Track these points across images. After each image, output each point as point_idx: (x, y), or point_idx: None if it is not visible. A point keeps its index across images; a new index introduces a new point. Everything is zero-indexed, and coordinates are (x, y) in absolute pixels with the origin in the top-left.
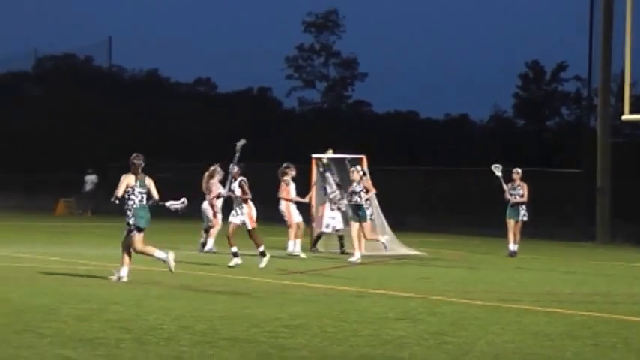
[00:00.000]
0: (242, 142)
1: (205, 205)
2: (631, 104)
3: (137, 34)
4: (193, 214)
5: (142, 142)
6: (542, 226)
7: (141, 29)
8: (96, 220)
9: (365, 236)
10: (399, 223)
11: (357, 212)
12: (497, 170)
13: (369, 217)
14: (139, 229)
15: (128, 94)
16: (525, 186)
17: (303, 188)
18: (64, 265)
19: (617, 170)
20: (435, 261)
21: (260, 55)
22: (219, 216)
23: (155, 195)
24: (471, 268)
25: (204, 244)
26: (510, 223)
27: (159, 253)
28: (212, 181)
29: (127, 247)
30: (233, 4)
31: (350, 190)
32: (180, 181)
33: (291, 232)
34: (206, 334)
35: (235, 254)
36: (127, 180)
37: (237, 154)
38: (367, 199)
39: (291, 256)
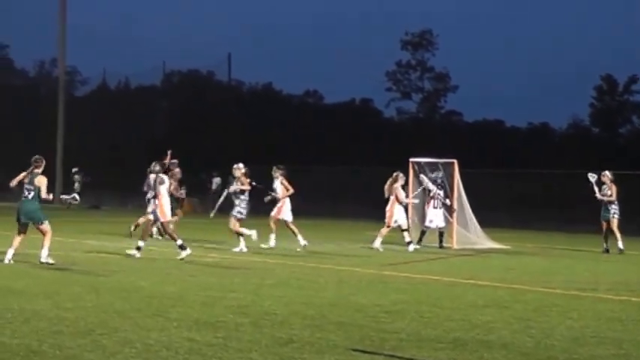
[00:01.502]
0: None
1: (388, 206)
2: None
3: (254, 51)
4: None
5: (258, 148)
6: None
7: (257, 47)
8: (216, 217)
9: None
10: (487, 220)
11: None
12: (591, 177)
13: (236, 213)
14: (18, 220)
15: (246, 106)
16: (613, 187)
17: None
18: (188, 257)
19: None
20: (518, 254)
21: (362, 70)
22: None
23: (44, 194)
24: (551, 260)
25: (408, 243)
26: (604, 224)
27: (10, 252)
28: (395, 185)
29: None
30: (339, 23)
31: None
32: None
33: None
34: (315, 318)
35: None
36: (21, 176)
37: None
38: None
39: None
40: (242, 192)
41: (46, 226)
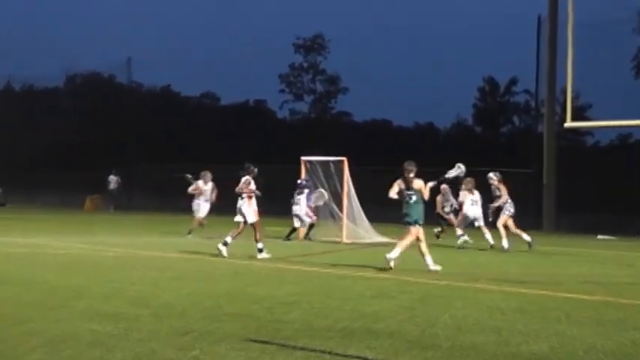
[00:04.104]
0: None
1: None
2: (573, 113)
3: (153, 55)
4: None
5: (157, 148)
6: (497, 218)
7: (156, 50)
8: (117, 214)
9: None
10: (376, 215)
11: None
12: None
13: None
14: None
15: (145, 107)
16: (502, 186)
17: (292, 184)
18: (92, 252)
19: (562, 169)
20: None
21: (257, 72)
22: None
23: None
24: (437, 253)
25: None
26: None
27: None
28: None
29: None
30: (235, 27)
31: None
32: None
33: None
34: (212, 309)
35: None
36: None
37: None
38: None
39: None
40: None
41: (415, 230)
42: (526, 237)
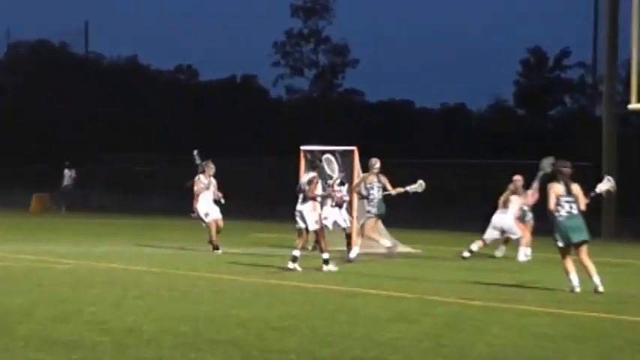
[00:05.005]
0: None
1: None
2: (639, 92)
3: (115, 20)
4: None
5: (121, 133)
6: (543, 222)
7: (119, 14)
8: (71, 216)
9: None
10: (391, 219)
11: None
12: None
13: None
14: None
15: (107, 82)
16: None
17: (290, 181)
18: (38, 264)
19: (625, 162)
20: (430, 259)
21: (245, 41)
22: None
23: (582, 205)
24: (468, 266)
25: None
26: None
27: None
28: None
29: None
30: None
31: None
32: (162, 171)
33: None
34: (188, 336)
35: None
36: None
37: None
38: None
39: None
40: None
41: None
42: (386, 242)
